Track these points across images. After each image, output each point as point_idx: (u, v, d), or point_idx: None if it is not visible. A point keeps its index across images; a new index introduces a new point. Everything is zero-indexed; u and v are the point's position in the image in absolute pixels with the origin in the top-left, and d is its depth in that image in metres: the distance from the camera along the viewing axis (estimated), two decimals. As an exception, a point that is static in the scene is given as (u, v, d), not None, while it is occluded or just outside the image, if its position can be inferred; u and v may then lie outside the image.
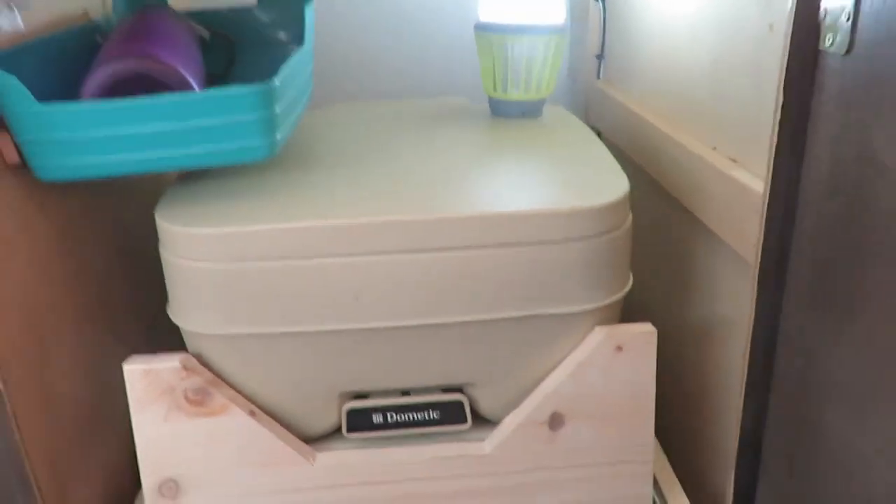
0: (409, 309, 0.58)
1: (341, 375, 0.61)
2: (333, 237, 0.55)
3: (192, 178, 0.64)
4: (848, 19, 0.43)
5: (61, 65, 0.61)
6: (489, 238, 0.56)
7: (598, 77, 1.06)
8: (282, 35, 0.80)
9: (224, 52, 0.76)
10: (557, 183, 0.63)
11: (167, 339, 0.61)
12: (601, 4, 1.02)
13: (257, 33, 0.77)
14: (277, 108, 0.55)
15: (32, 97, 0.51)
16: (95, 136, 0.53)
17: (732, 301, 0.67)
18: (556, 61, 0.78)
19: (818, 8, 0.46)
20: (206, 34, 0.72)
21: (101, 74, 0.53)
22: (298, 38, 0.68)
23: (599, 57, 1.05)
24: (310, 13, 0.70)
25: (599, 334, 0.61)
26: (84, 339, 0.64)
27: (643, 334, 0.61)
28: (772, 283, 0.54)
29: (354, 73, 1.09)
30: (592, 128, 1.05)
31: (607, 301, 0.61)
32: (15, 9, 0.44)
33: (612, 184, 0.62)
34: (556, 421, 0.62)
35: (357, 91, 1.09)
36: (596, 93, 1.05)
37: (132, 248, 0.73)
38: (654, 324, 0.61)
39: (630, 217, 0.62)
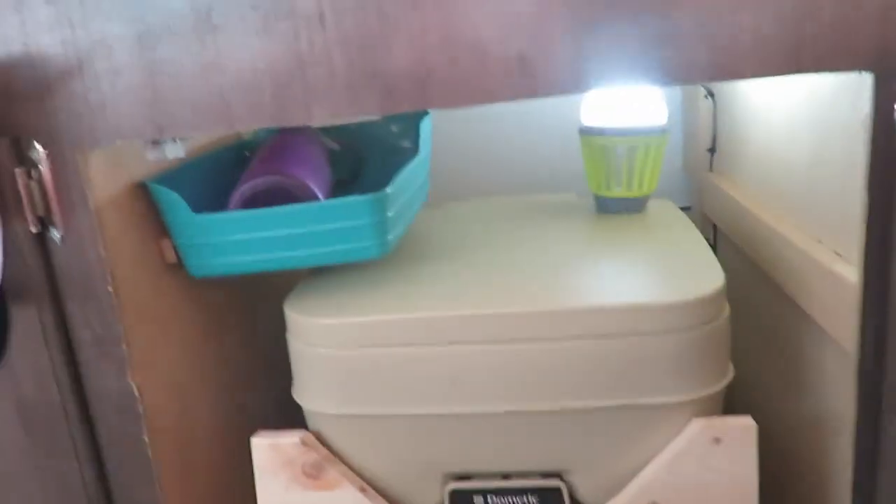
0: (504, 396, 0.61)
1: (444, 456, 0.65)
2: (435, 327, 0.61)
3: (319, 275, 0.72)
4: (920, 120, 0.44)
5: (216, 178, 0.72)
6: (585, 330, 0.60)
7: (710, 170, 1.08)
8: (405, 143, 0.89)
9: (353, 161, 0.85)
10: (654, 277, 0.65)
11: (292, 417, 0.68)
12: (712, 100, 1.05)
13: (384, 143, 0.86)
14: (390, 213, 0.63)
15: (189, 209, 0.61)
16: (238, 240, 0.62)
17: (840, 396, 0.66)
18: (658, 160, 0.81)
19: (893, 111, 0.48)
20: (335, 146, 0.82)
21: (244, 189, 0.63)
22: (417, 146, 0.77)
23: (711, 150, 1.07)
24: (426, 125, 0.78)
25: (697, 426, 0.61)
26: (221, 413, 0.72)
27: (742, 427, 0.61)
28: (870, 378, 0.53)
29: (470, 173, 1.17)
30: (707, 219, 1.06)
31: (704, 393, 0.62)
32: (178, 141, 0.54)
33: (708, 276, 0.63)
34: (653, 512, 0.62)
35: (472, 189, 1.17)
36: (708, 185, 1.06)
37: (265, 336, 0.83)
38: (762, 417, 0.61)
39: (727, 309, 0.63)
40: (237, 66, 0.50)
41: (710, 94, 1.04)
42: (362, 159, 0.84)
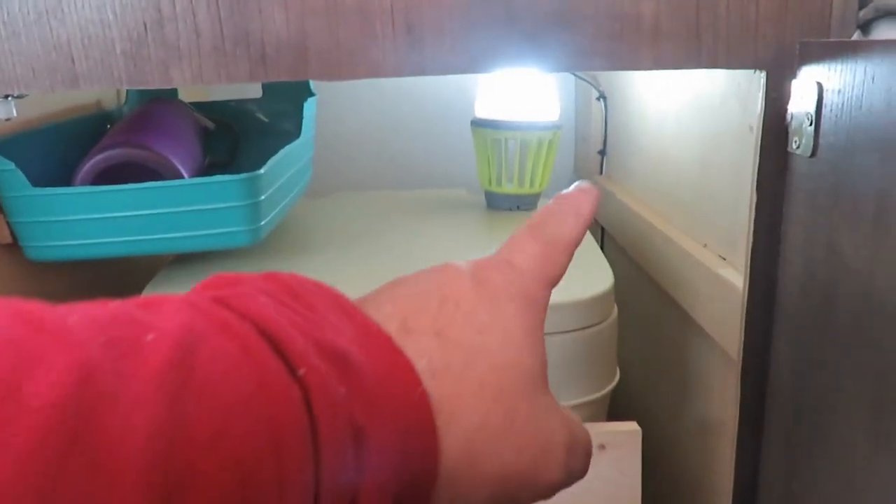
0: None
1: None
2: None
3: (182, 264, 0.65)
4: (811, 124, 0.44)
5: (68, 152, 0.64)
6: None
7: (600, 173, 1.08)
8: (288, 126, 0.83)
9: (229, 142, 0.79)
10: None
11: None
12: (604, 103, 1.05)
13: (262, 124, 0.80)
14: (263, 196, 0.57)
15: (26, 181, 0.53)
16: (86, 220, 0.55)
17: (724, 401, 0.66)
18: (550, 157, 0.79)
19: (785, 111, 0.47)
20: (210, 125, 0.75)
21: (95, 161, 0.55)
22: (300, 130, 0.71)
23: (602, 153, 1.07)
24: (309, 106, 0.73)
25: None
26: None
27: (628, 433, 0.59)
28: (753, 383, 0.53)
29: (357, 163, 1.13)
30: (596, 223, 1.06)
31: (590, 397, 0.60)
32: (11, 99, 0.46)
33: (597, 277, 0.62)
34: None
35: (359, 181, 1.12)
36: (598, 189, 1.06)
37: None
38: (645, 421, 0.60)
39: (615, 311, 0.62)
40: (81, 15, 0.43)
41: (603, 96, 1.04)
42: (239, 140, 0.77)
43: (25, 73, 0.46)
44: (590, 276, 0.62)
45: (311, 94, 0.75)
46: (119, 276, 0.74)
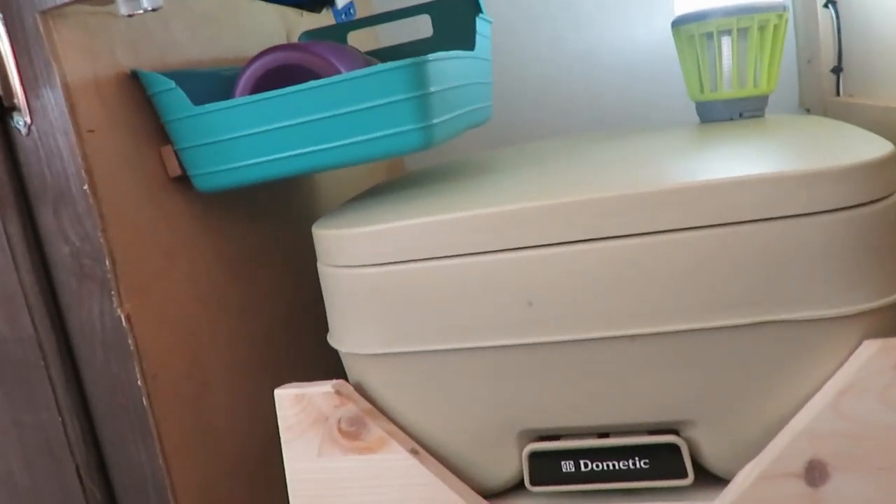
0: (597, 317, 0.46)
1: (520, 407, 0.50)
2: (502, 226, 0.46)
3: (354, 201, 0.59)
4: None
5: (226, 89, 0.60)
6: (706, 215, 0.43)
7: (838, 94, 0.89)
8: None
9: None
10: (798, 150, 0.48)
11: (332, 373, 0.55)
12: (832, 9, 0.87)
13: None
14: (432, 89, 0.49)
15: (187, 100, 0.50)
16: (246, 137, 0.50)
17: None
18: (777, 47, 0.65)
19: None
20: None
21: (252, 69, 0.51)
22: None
23: (836, 70, 0.88)
24: (483, 25, 0.65)
25: (870, 349, 0.44)
26: (240, 366, 0.59)
27: (939, 348, 0.43)
28: None
29: (536, 113, 1.03)
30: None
31: (879, 303, 0.44)
32: (155, -14, 0.43)
33: (872, 147, 0.46)
34: (815, 472, 0.44)
35: (537, 132, 1.03)
36: (839, 109, 0.88)
37: (293, 275, 0.69)
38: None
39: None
40: None
41: (831, 1, 0.87)
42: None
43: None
44: (861, 148, 0.46)
45: (481, 12, 0.67)
46: (293, 216, 0.70)
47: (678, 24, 0.67)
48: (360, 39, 0.79)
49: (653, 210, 0.44)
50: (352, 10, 0.95)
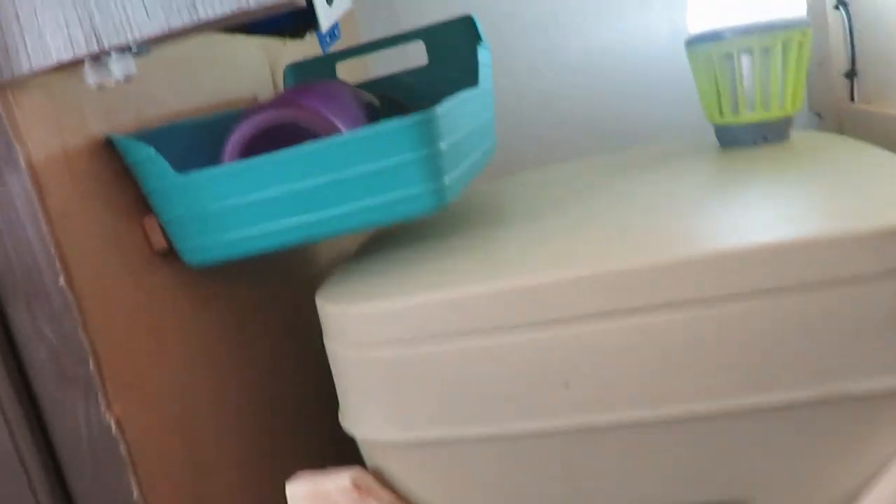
0: (643, 397, 0.41)
1: (563, 494, 0.45)
2: (533, 301, 0.41)
3: (362, 256, 0.54)
4: None
5: (216, 148, 0.55)
6: (756, 281, 0.39)
7: (852, 100, 0.85)
8: (458, 91, 0.71)
9: (397, 116, 0.68)
10: (850, 200, 0.44)
11: (346, 457, 0.50)
12: (843, 11, 0.83)
13: (431, 94, 0.68)
14: (443, 145, 0.44)
15: (169, 167, 0.44)
16: (237, 206, 0.45)
17: None
18: (801, 65, 0.60)
19: None
20: (374, 100, 0.64)
21: (240, 131, 0.46)
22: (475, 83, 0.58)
23: (850, 75, 0.84)
24: (484, 53, 0.60)
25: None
26: (245, 456, 0.54)
27: None
28: None
29: (538, 137, 0.99)
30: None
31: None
32: (129, 52, 0.37)
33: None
34: (893, 557, 0.40)
35: (541, 156, 0.98)
36: (854, 117, 0.84)
37: (297, 343, 0.64)
38: None
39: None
40: None
41: (842, 2, 0.82)
42: (408, 114, 0.66)
43: (136, 14, 0.36)
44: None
45: (480, 40, 0.62)
46: (291, 278, 0.65)
47: (693, 44, 0.63)
48: (348, 67, 0.74)
49: (702, 278, 0.39)
50: (336, 32, 0.89)
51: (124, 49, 0.37)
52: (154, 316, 0.47)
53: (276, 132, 0.46)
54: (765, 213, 0.44)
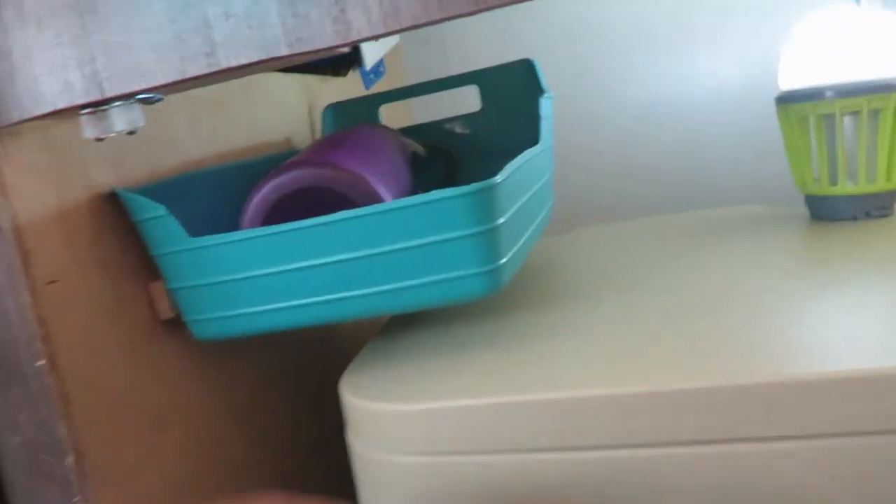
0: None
1: None
2: (606, 415, 0.34)
3: (393, 336, 0.47)
4: None
5: (244, 201, 0.49)
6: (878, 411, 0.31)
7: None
8: (514, 142, 0.64)
9: (446, 167, 0.61)
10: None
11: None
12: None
13: (485, 143, 0.62)
14: (501, 220, 0.37)
15: (181, 230, 0.38)
16: (254, 277, 0.38)
17: None
18: (915, 131, 0.52)
19: None
20: (420, 150, 0.58)
21: (263, 193, 0.39)
22: (532, 141, 0.51)
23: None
24: (546, 106, 0.53)
25: None
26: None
27: None
28: None
29: (594, 190, 0.91)
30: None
31: None
32: (134, 102, 0.31)
33: None
34: None
35: (599, 212, 0.91)
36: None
37: (311, 429, 0.57)
38: None
39: None
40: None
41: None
42: (457, 165, 0.59)
43: (143, 58, 0.30)
44: None
45: (543, 92, 0.55)
46: (311, 350, 0.58)
47: (786, 101, 0.55)
48: (391, 110, 0.68)
49: (815, 406, 0.31)
50: (381, 69, 0.83)
51: (129, 98, 0.31)
52: (152, 397, 0.41)
53: (307, 192, 0.40)
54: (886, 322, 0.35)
